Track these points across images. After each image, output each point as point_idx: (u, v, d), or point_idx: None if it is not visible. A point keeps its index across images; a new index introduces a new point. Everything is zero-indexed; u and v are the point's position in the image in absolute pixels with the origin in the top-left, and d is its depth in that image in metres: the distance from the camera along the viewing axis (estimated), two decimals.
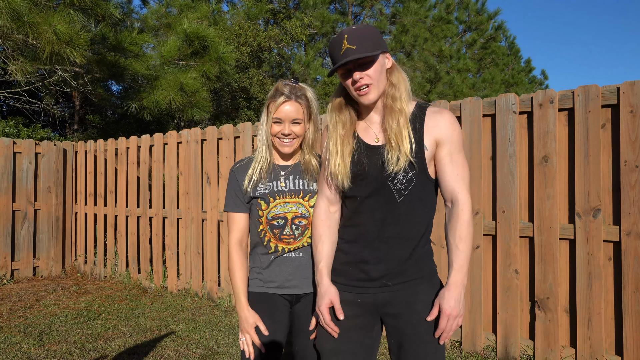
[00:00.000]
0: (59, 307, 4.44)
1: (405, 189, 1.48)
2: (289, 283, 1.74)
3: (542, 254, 2.96)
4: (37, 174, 5.81)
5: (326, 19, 14.36)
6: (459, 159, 1.49)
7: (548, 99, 2.94)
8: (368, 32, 1.44)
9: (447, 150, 1.48)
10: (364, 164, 1.51)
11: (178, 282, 4.96)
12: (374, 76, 1.45)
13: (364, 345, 1.52)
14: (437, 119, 1.49)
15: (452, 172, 1.48)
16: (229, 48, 7.35)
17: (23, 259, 5.65)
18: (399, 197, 1.48)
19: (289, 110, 1.67)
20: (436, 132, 1.48)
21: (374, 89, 1.46)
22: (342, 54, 1.42)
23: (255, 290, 1.77)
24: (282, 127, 1.69)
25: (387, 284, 1.50)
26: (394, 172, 1.45)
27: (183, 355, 3.24)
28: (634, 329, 2.65)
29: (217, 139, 4.68)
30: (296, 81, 1.73)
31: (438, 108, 1.53)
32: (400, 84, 1.50)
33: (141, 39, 7.16)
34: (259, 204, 1.73)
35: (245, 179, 1.75)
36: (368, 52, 1.40)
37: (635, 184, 2.67)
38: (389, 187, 1.48)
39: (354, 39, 1.42)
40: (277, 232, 1.72)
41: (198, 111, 7.31)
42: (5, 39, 5.68)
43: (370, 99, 1.46)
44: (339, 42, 1.44)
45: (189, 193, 4.86)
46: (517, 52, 19.85)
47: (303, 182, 1.74)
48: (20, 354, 3.25)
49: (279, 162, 1.78)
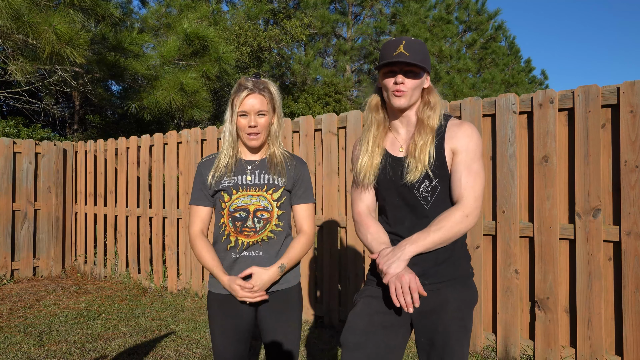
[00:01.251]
0: (59, 307, 4.44)
1: (431, 197, 1.55)
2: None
3: (542, 254, 2.96)
4: (37, 174, 5.81)
5: (326, 19, 14.35)
6: (473, 168, 1.53)
7: (548, 99, 2.94)
8: (423, 49, 1.54)
9: (460, 159, 1.54)
10: (390, 173, 1.60)
11: (178, 282, 4.96)
12: (413, 87, 1.53)
13: (388, 347, 1.55)
14: (456, 130, 1.56)
15: (462, 180, 1.53)
16: (229, 48, 7.35)
17: (23, 259, 5.65)
18: (427, 204, 1.55)
19: (253, 103, 1.69)
20: (453, 143, 1.55)
21: (407, 97, 1.54)
22: (396, 55, 1.50)
23: (218, 291, 1.76)
24: (248, 119, 1.70)
25: (424, 282, 1.53)
26: (412, 181, 1.53)
27: (183, 355, 3.24)
28: (634, 329, 2.65)
29: (217, 139, 4.68)
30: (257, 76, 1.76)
31: (459, 121, 1.61)
32: (437, 106, 1.59)
33: (141, 39, 7.16)
34: (222, 197, 1.75)
35: (209, 173, 1.77)
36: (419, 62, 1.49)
37: (635, 184, 2.67)
38: (415, 196, 1.56)
39: (410, 48, 1.50)
40: (239, 225, 1.73)
41: (198, 111, 7.31)
42: (5, 39, 5.68)
43: (401, 103, 1.54)
44: (395, 44, 1.52)
45: (189, 193, 4.86)
46: (517, 52, 19.87)
47: (269, 176, 1.76)
48: (20, 354, 3.25)
49: (246, 157, 1.80)
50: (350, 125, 3.76)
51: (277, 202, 1.76)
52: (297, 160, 1.84)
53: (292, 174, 1.79)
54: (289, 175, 1.79)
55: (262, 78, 1.76)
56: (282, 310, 1.76)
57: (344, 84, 14.15)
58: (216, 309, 1.76)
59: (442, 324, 1.51)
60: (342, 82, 14.25)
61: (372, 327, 1.55)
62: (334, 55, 15.63)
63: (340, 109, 13.09)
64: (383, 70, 1.57)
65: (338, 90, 13.38)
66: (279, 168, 1.76)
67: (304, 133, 4.03)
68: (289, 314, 1.77)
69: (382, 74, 1.58)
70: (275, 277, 1.72)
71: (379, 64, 1.55)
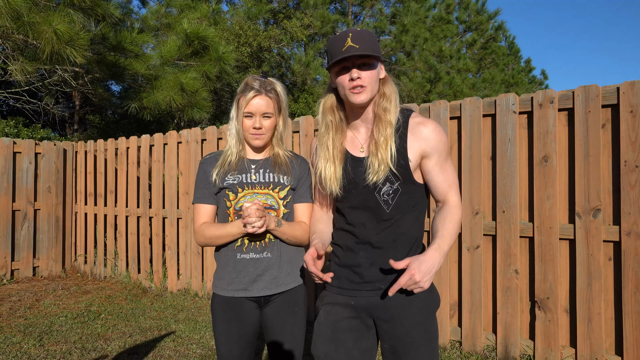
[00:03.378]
0: (59, 307, 4.44)
1: (392, 199, 1.48)
2: (256, 285, 1.71)
3: (542, 254, 2.96)
4: (37, 174, 5.81)
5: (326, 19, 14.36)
6: (447, 167, 1.50)
7: (548, 99, 2.94)
8: (371, 38, 1.45)
9: (434, 162, 1.48)
10: (351, 175, 1.51)
11: (178, 282, 4.96)
12: (370, 80, 1.45)
13: (361, 349, 1.50)
14: (421, 130, 1.47)
15: (442, 181, 1.49)
16: (229, 48, 7.35)
17: (23, 259, 5.65)
18: (387, 207, 1.48)
19: (259, 104, 1.68)
20: (421, 145, 1.47)
21: (368, 92, 1.45)
22: (345, 50, 1.41)
23: (222, 294, 1.74)
24: (253, 120, 1.69)
25: (381, 287, 1.49)
26: (374, 182, 1.45)
27: (183, 355, 3.24)
28: (634, 329, 2.65)
29: (217, 139, 4.68)
30: (265, 75, 1.74)
31: (421, 118, 1.51)
32: (392, 96, 1.50)
33: (141, 39, 7.16)
34: (227, 195, 1.72)
35: (214, 170, 1.75)
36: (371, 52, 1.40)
37: (635, 184, 2.67)
38: (376, 199, 1.48)
39: (358, 39, 1.41)
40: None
41: (198, 111, 7.31)
42: (5, 39, 5.68)
43: (361, 99, 1.44)
44: (342, 39, 1.43)
45: (189, 193, 4.86)
46: (517, 52, 19.87)
47: (273, 175, 1.74)
48: (20, 354, 3.25)
49: (250, 156, 1.78)
50: None
51: (283, 200, 1.74)
52: (301, 159, 1.84)
53: (297, 173, 1.79)
54: (295, 173, 1.78)
55: (269, 78, 1.74)
56: (288, 311, 1.74)
57: None
58: (220, 311, 1.73)
59: (403, 329, 1.46)
60: None
61: (339, 333, 1.50)
62: None
63: None
64: (334, 69, 1.48)
65: None
66: (284, 167, 1.76)
67: (304, 133, 4.03)
68: (294, 315, 1.75)
69: (334, 72, 1.49)
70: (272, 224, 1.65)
71: (329, 63, 1.45)
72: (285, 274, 1.74)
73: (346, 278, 1.54)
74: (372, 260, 1.50)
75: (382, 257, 1.49)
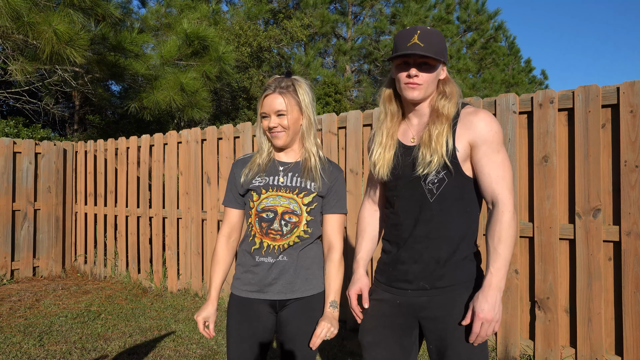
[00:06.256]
0: (59, 307, 4.44)
1: (437, 189, 1.46)
2: (271, 288, 1.69)
3: (542, 254, 2.96)
4: (37, 174, 5.81)
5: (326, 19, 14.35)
6: (498, 159, 1.43)
7: (548, 99, 2.94)
8: (439, 40, 1.44)
9: (483, 152, 1.44)
10: (400, 162, 1.53)
11: (178, 282, 4.96)
12: (428, 80, 1.46)
13: (402, 346, 1.54)
14: (471, 120, 1.46)
15: (490, 173, 1.43)
16: (229, 48, 7.35)
17: (23, 259, 5.65)
18: (431, 196, 1.47)
19: (272, 103, 1.66)
20: (470, 135, 1.45)
21: (422, 90, 1.46)
22: (409, 45, 1.41)
23: (237, 294, 1.73)
24: (268, 120, 1.68)
25: (425, 286, 1.49)
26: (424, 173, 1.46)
27: (183, 355, 3.24)
28: (634, 329, 2.65)
29: (217, 139, 4.68)
30: (289, 74, 1.71)
31: (473, 109, 1.50)
32: (453, 95, 1.50)
33: (141, 39, 7.16)
34: (251, 196, 1.72)
35: (243, 171, 1.75)
36: (434, 55, 1.41)
37: (635, 184, 2.67)
38: (422, 186, 1.48)
39: (425, 38, 1.41)
40: (265, 226, 1.68)
41: (198, 111, 7.31)
42: (5, 39, 5.68)
43: (414, 95, 1.46)
44: (409, 34, 1.43)
45: (189, 193, 4.87)
46: (517, 52, 19.88)
47: (300, 180, 1.71)
48: (20, 354, 3.25)
49: (280, 159, 1.75)
50: (350, 126, 3.75)
51: (307, 206, 1.69)
52: (334, 166, 1.77)
53: (327, 180, 1.72)
54: (324, 181, 1.71)
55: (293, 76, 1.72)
56: (303, 318, 1.69)
57: (344, 84, 14.15)
58: (235, 309, 1.72)
59: (448, 331, 1.45)
60: (342, 82, 14.25)
61: (383, 327, 1.55)
62: (334, 55, 15.63)
63: (340, 109, 13.08)
64: (396, 62, 1.48)
65: (338, 90, 13.37)
66: (313, 173, 1.70)
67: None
68: (309, 323, 1.69)
69: (395, 65, 1.49)
70: (333, 316, 1.66)
71: (391, 55, 1.46)
72: (303, 280, 1.70)
73: (392, 275, 1.57)
74: (413, 257, 1.50)
75: (423, 254, 1.49)
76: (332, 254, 1.71)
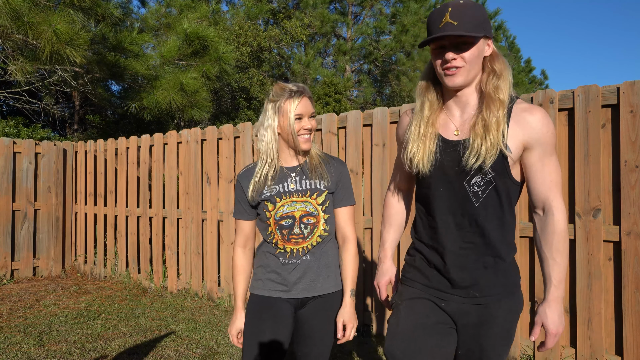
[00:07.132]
0: (59, 307, 4.44)
1: (482, 192, 1.35)
2: (295, 287, 1.73)
3: None
4: (37, 174, 5.81)
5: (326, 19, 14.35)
6: (551, 164, 1.34)
7: (548, 99, 2.94)
8: (474, 11, 1.28)
9: (537, 155, 1.33)
10: (440, 159, 1.38)
11: (178, 282, 4.96)
12: (469, 60, 1.30)
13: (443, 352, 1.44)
14: (526, 118, 1.32)
15: (545, 179, 1.34)
16: (229, 48, 7.35)
17: (23, 259, 5.65)
18: (476, 200, 1.35)
19: (307, 105, 1.69)
20: (524, 135, 1.31)
21: (464, 73, 1.31)
22: (441, 27, 1.27)
23: (259, 293, 1.76)
24: (302, 122, 1.69)
25: (475, 294, 1.41)
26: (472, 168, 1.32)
27: (183, 355, 3.24)
28: (634, 329, 2.65)
29: (217, 139, 4.68)
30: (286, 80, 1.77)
31: (527, 104, 1.35)
32: (504, 73, 1.34)
33: (141, 39, 7.16)
34: (266, 206, 1.73)
35: (250, 186, 1.75)
36: (469, 32, 1.25)
37: (635, 184, 2.67)
38: (465, 188, 1.36)
39: (457, 14, 1.26)
40: (286, 233, 1.71)
41: (198, 111, 7.31)
42: (5, 39, 5.68)
43: (455, 82, 1.32)
44: (440, 14, 1.29)
45: (189, 193, 4.87)
46: (517, 52, 19.88)
47: (310, 182, 1.73)
48: (20, 354, 3.25)
49: (286, 164, 1.76)
50: (350, 126, 3.76)
51: (322, 206, 1.72)
52: (337, 161, 1.81)
53: (334, 176, 1.76)
54: (332, 176, 1.75)
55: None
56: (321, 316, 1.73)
57: (344, 84, 14.16)
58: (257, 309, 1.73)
59: (488, 337, 1.41)
60: (342, 82, 14.25)
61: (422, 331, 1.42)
62: (334, 55, 15.64)
63: (340, 109, 13.08)
64: (432, 47, 1.33)
65: (338, 90, 13.38)
66: (319, 171, 1.74)
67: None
68: (327, 321, 1.74)
69: (431, 51, 1.34)
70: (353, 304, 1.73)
71: (423, 41, 1.31)
72: (325, 278, 1.74)
73: (436, 280, 1.46)
74: (461, 265, 1.40)
75: (471, 261, 1.40)
76: (347, 245, 1.77)
